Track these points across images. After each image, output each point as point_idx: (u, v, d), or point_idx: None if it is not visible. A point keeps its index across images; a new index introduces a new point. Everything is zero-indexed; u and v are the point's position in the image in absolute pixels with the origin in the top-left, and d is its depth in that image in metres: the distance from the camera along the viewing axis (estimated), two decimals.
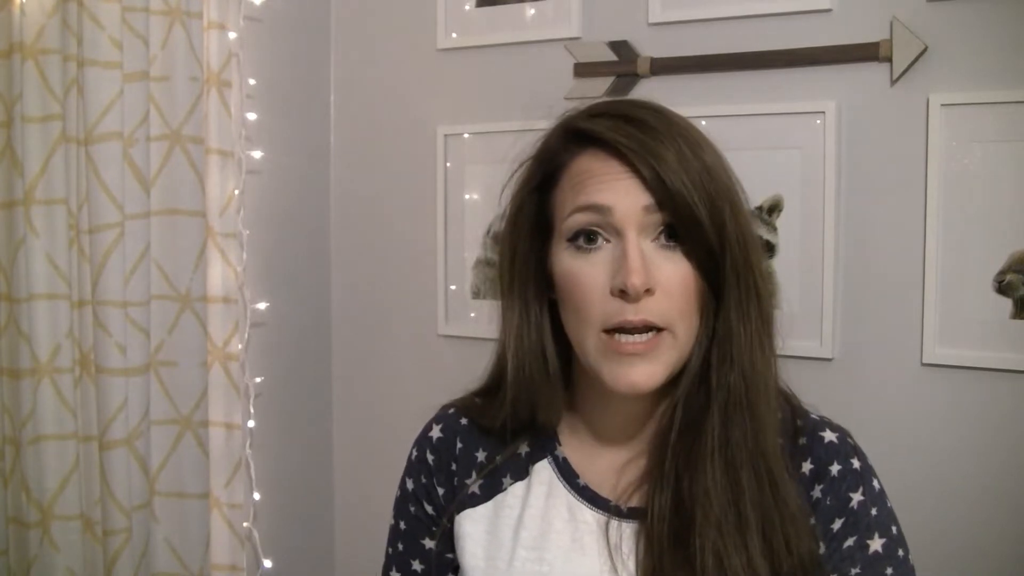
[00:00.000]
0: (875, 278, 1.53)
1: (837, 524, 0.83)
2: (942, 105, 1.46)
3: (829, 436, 0.86)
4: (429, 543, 0.97)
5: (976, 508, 1.46)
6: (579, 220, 0.81)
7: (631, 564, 0.84)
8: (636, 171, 0.79)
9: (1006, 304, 1.44)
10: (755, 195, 1.57)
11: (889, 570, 0.82)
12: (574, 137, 0.84)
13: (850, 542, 0.82)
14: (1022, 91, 1.41)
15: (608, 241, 0.81)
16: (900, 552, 0.84)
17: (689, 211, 0.79)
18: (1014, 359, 1.43)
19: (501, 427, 0.92)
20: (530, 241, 0.87)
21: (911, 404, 1.51)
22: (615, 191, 0.80)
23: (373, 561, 1.07)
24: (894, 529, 0.84)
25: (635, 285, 0.77)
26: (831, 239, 1.54)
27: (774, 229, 1.58)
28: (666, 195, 0.78)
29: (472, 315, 1.89)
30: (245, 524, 1.76)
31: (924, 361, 1.49)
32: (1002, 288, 1.44)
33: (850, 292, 1.55)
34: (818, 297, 1.55)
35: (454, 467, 0.95)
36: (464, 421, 0.97)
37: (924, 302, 1.49)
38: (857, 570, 0.82)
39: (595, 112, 0.85)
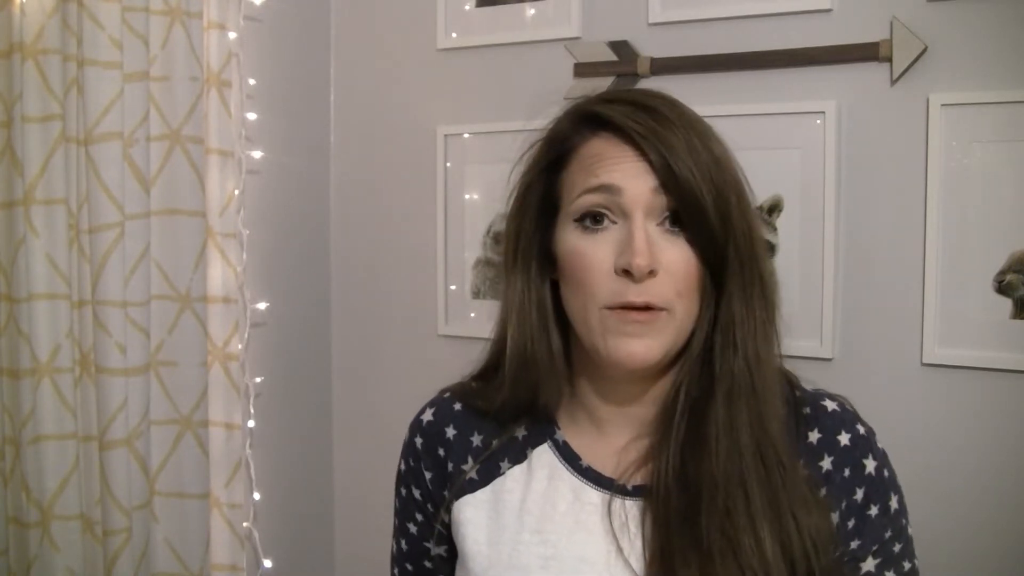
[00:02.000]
0: (875, 278, 1.53)
1: (859, 494, 0.85)
2: (942, 105, 1.46)
3: (831, 405, 0.89)
4: (412, 528, 0.98)
5: (976, 508, 1.46)
6: (589, 200, 0.83)
7: (638, 542, 0.84)
8: (645, 155, 0.81)
9: (1006, 304, 1.44)
10: (755, 195, 1.56)
11: (904, 520, 0.87)
12: (586, 121, 0.86)
13: (874, 510, 0.85)
14: (1022, 91, 1.41)
15: (615, 223, 0.82)
16: (904, 501, 0.88)
17: (694, 197, 0.80)
18: (1014, 359, 1.43)
19: (499, 409, 0.93)
20: (536, 220, 0.88)
21: (911, 404, 1.51)
22: (624, 173, 0.81)
23: (373, 561, 1.07)
24: (897, 481, 0.89)
25: (640, 266, 0.79)
26: (831, 239, 1.54)
27: (774, 229, 1.58)
28: (672, 180, 0.80)
29: (472, 315, 1.89)
30: (245, 524, 1.76)
31: (924, 361, 1.49)
32: (1002, 288, 1.44)
33: (850, 292, 1.55)
34: (818, 297, 1.55)
35: (442, 452, 0.96)
36: (458, 406, 0.97)
37: (924, 302, 1.49)
38: (888, 533, 0.85)
39: (609, 98, 0.87)
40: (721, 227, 0.81)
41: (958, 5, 1.45)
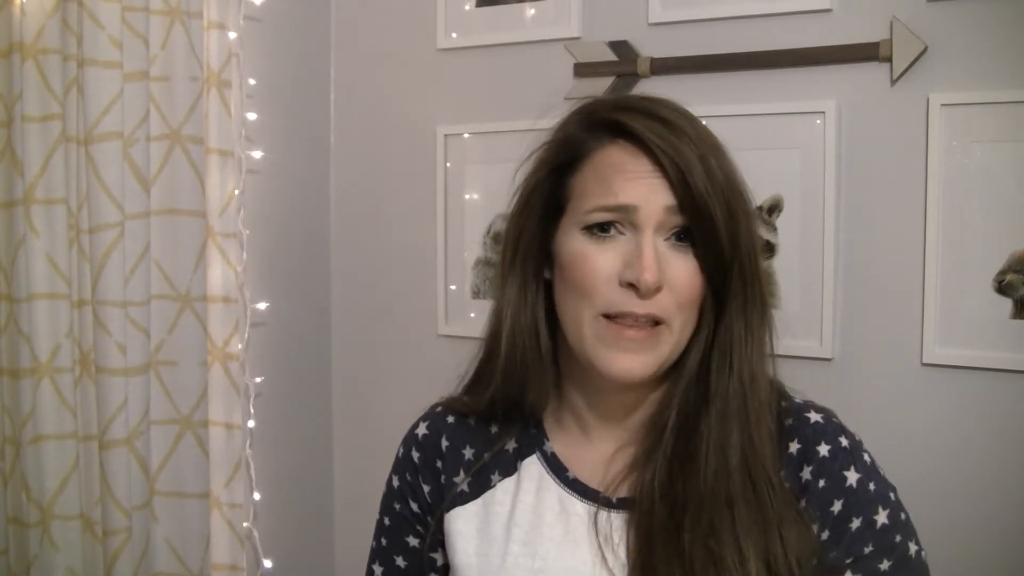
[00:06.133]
0: (875, 278, 1.53)
1: (837, 506, 0.83)
2: (942, 105, 1.46)
3: (815, 417, 0.87)
4: (413, 541, 0.97)
5: (976, 508, 1.46)
6: (602, 217, 0.82)
7: (621, 553, 0.84)
8: (663, 170, 0.80)
9: (1006, 304, 1.44)
10: (755, 195, 1.56)
11: (897, 537, 0.84)
12: (602, 127, 0.85)
13: (856, 523, 0.83)
14: (1022, 91, 1.41)
15: (622, 233, 0.82)
16: (902, 516, 0.85)
17: (708, 216, 0.80)
18: (1014, 359, 1.43)
19: (488, 411, 0.93)
20: (539, 220, 0.88)
21: (911, 404, 1.51)
22: (641, 189, 0.81)
23: None
24: (892, 496, 0.86)
25: (647, 282, 0.79)
26: (831, 239, 1.54)
27: (774, 229, 1.58)
28: (688, 198, 0.80)
29: (472, 315, 1.89)
30: (245, 524, 1.76)
31: (924, 361, 1.49)
32: (1002, 288, 1.44)
33: (850, 292, 1.55)
34: (818, 297, 1.55)
35: (439, 464, 0.96)
36: (451, 419, 0.98)
37: (924, 302, 1.49)
38: (870, 548, 0.83)
39: (624, 105, 0.85)
40: (730, 247, 0.81)
41: (958, 5, 1.45)
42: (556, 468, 0.91)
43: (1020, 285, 1.43)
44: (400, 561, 0.98)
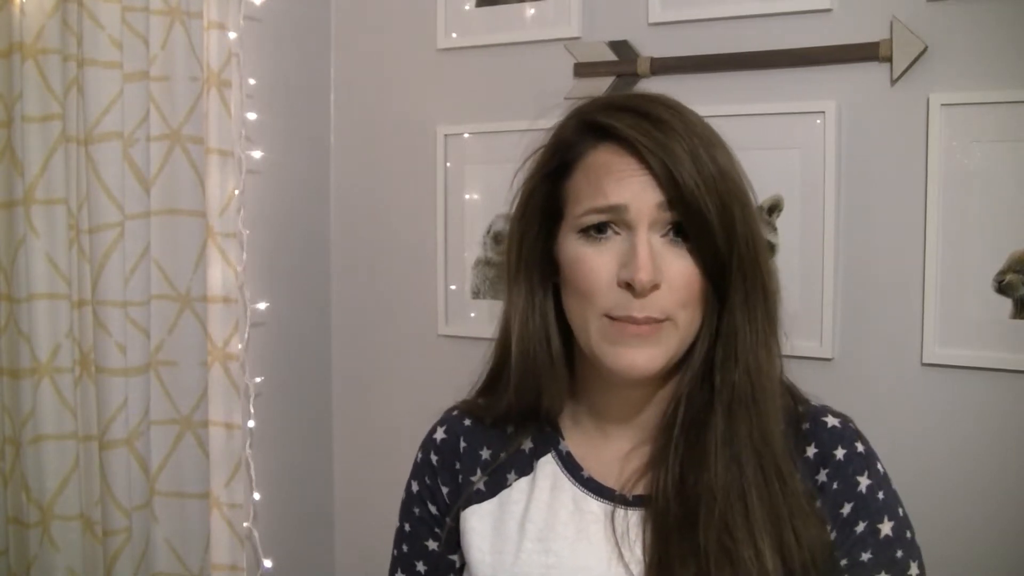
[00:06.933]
0: (875, 278, 1.53)
1: (846, 509, 0.84)
2: (942, 105, 1.46)
3: (832, 421, 0.88)
4: (432, 544, 0.98)
5: (976, 508, 1.46)
6: (594, 219, 0.83)
7: (638, 550, 0.85)
8: (650, 168, 0.80)
9: (1006, 304, 1.44)
10: (755, 195, 1.57)
11: (899, 552, 0.84)
12: (591, 129, 0.85)
13: (861, 527, 0.83)
14: (1022, 91, 1.41)
15: (618, 233, 0.82)
16: (908, 534, 0.85)
17: (699, 210, 0.80)
18: (1014, 359, 1.43)
19: (504, 416, 0.94)
20: (539, 226, 0.88)
21: (911, 404, 1.51)
22: (630, 188, 0.81)
23: (373, 561, 1.07)
24: (900, 511, 0.86)
25: (642, 281, 0.79)
26: (831, 239, 1.54)
27: (774, 229, 1.58)
28: (677, 194, 0.80)
29: (472, 315, 1.89)
30: (245, 524, 1.76)
31: (924, 361, 1.49)
32: (1002, 288, 1.44)
33: (850, 292, 1.55)
34: (818, 297, 1.55)
35: (458, 466, 0.96)
36: (467, 422, 0.98)
37: (924, 302, 1.49)
38: (868, 555, 0.83)
39: (613, 105, 0.86)
40: (725, 240, 0.81)
41: (958, 5, 1.45)
42: (570, 467, 0.91)
43: (1020, 285, 1.43)
44: (420, 566, 0.99)
